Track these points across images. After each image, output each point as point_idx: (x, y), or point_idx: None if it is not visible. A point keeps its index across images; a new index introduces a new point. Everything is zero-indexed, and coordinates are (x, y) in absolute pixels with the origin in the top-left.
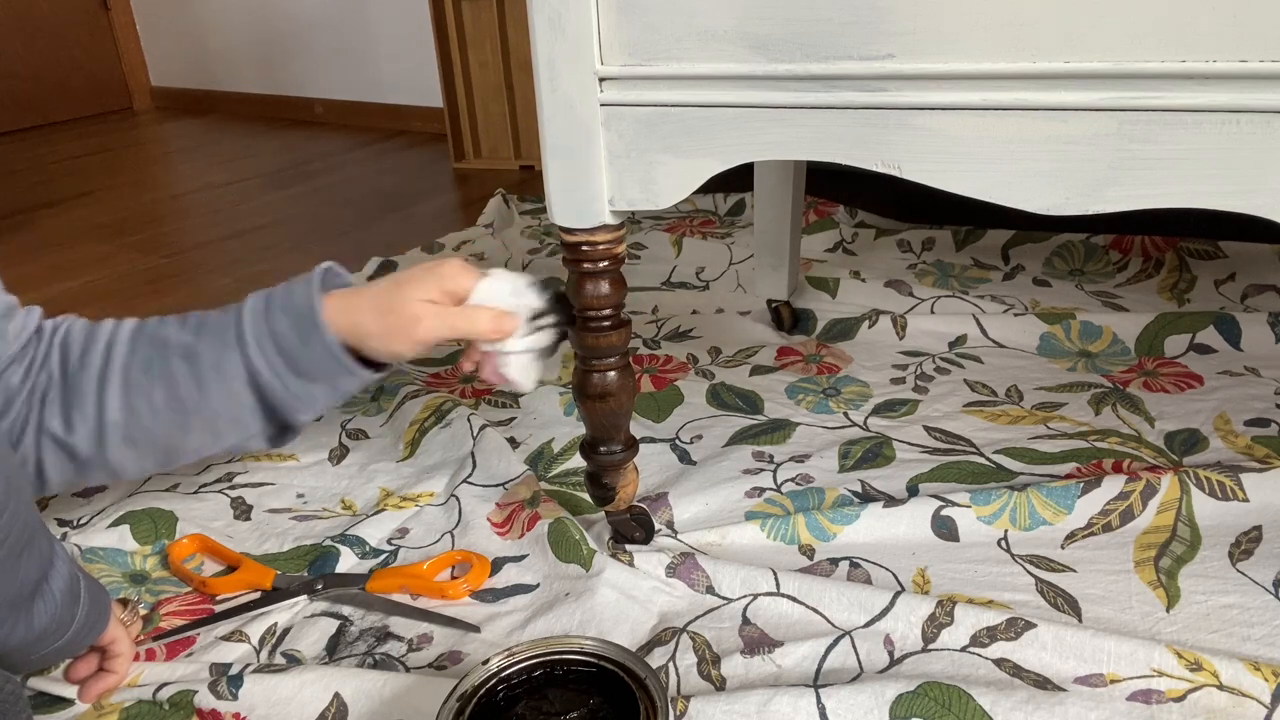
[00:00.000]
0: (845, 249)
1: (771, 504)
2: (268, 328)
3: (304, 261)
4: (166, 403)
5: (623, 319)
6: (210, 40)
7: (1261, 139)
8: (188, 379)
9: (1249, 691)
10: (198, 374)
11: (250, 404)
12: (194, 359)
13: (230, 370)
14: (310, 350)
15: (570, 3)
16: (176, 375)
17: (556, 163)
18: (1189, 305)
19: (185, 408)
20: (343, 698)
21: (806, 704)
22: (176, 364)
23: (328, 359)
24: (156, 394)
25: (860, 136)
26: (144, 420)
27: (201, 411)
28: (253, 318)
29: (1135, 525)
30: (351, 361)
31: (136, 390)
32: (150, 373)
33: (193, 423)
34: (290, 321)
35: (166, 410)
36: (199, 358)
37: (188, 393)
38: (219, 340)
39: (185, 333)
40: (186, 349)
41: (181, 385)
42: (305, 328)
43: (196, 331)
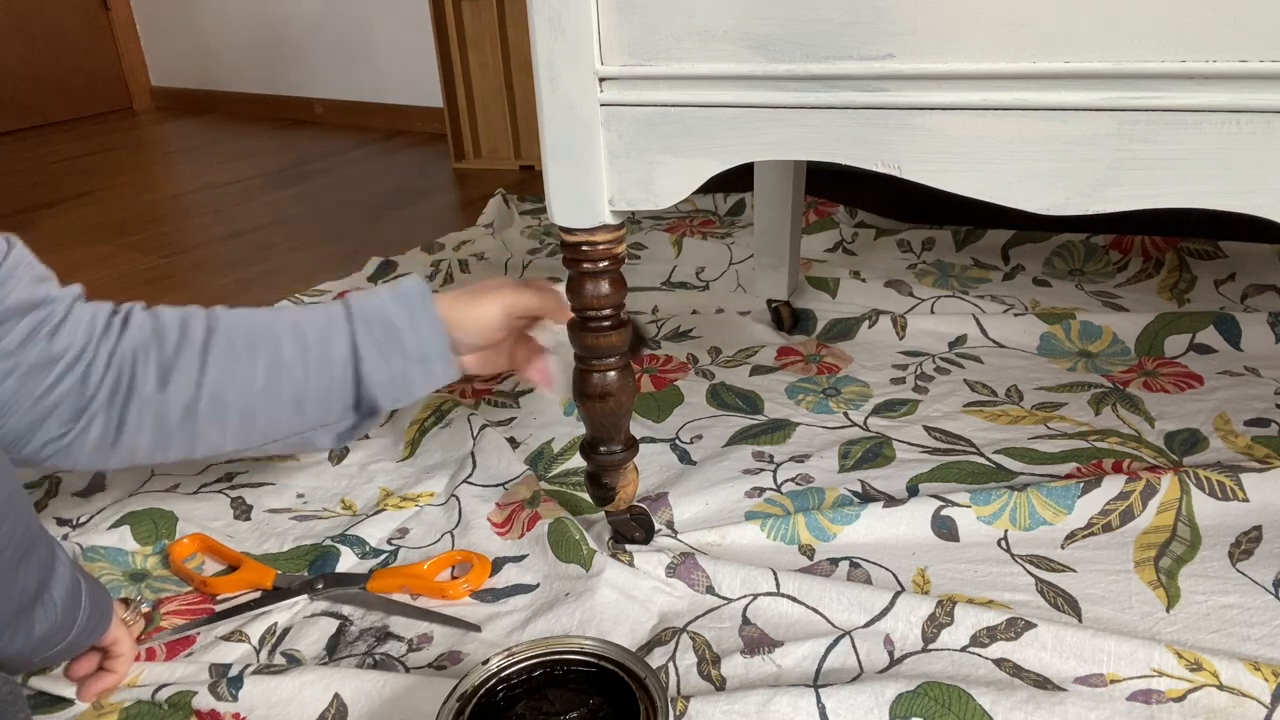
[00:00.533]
0: (845, 249)
1: (771, 504)
2: (376, 308)
3: (304, 261)
4: (266, 371)
5: (623, 319)
6: (210, 40)
7: (1261, 139)
8: (292, 349)
9: (1249, 691)
10: (302, 345)
11: (345, 381)
12: (299, 331)
13: (336, 343)
14: (417, 331)
15: (570, 3)
16: (282, 345)
17: (556, 163)
18: (1189, 305)
19: (282, 377)
20: (343, 698)
21: (806, 704)
22: (283, 335)
23: (433, 339)
24: (260, 361)
25: (860, 136)
26: (239, 385)
27: (295, 383)
28: (360, 300)
29: (1135, 525)
30: (449, 346)
31: (239, 356)
32: (254, 342)
33: (284, 394)
34: (398, 304)
35: (264, 379)
36: (304, 331)
37: (290, 361)
38: (325, 318)
39: (290, 313)
40: (294, 324)
41: (286, 353)
42: (415, 309)
43: (300, 310)
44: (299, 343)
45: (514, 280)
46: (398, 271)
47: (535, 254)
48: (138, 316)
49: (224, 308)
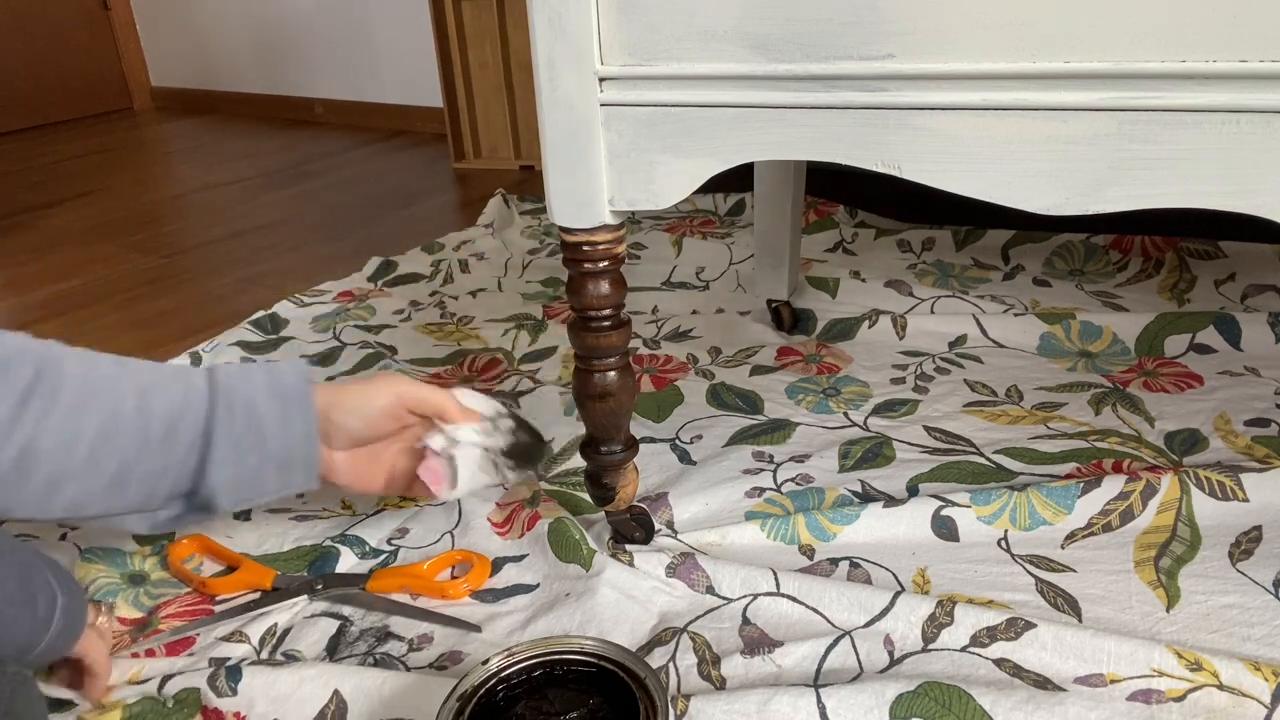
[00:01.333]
0: (845, 249)
1: (771, 504)
2: (245, 395)
3: (304, 261)
4: (94, 438)
5: (623, 319)
6: (210, 40)
7: (1261, 139)
8: (132, 419)
9: (1249, 691)
10: (145, 417)
11: (184, 469)
12: (146, 400)
13: (186, 424)
14: (286, 429)
15: (570, 3)
16: (121, 413)
17: (556, 163)
18: (1189, 305)
19: (110, 449)
20: (342, 695)
21: (806, 704)
22: (125, 400)
23: (302, 442)
24: (89, 424)
25: (860, 136)
26: (55, 447)
27: (124, 459)
28: (229, 379)
29: (1135, 525)
30: (317, 455)
31: (66, 413)
32: (89, 401)
33: (107, 468)
34: (272, 396)
35: (89, 446)
36: (152, 401)
37: (126, 432)
38: (182, 391)
39: (142, 373)
40: (142, 390)
41: (124, 422)
42: (290, 405)
43: (157, 372)
44: (142, 414)
45: (410, 377)
46: (397, 271)
47: (535, 254)
48: None
49: (66, 349)
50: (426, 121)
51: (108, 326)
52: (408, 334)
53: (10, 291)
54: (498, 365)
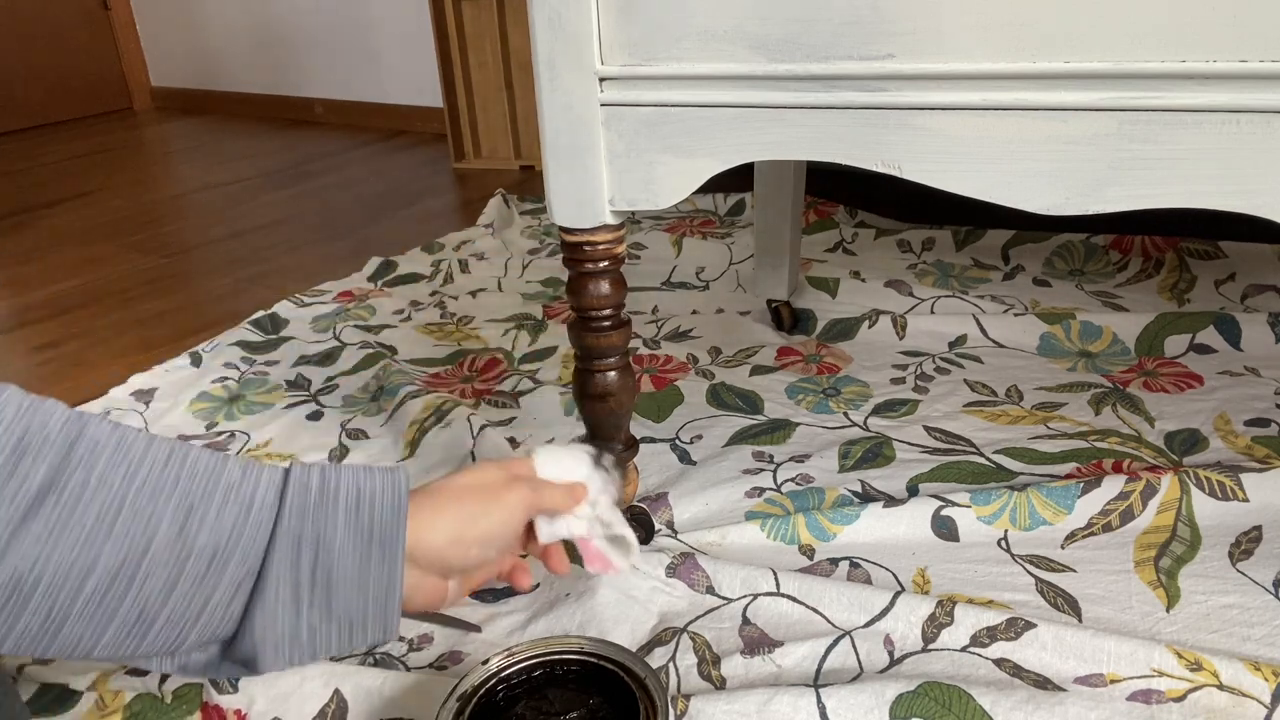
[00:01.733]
0: (845, 249)
1: (771, 504)
2: (319, 529)
3: (304, 261)
4: (114, 570)
5: (623, 319)
6: (210, 40)
7: (1261, 139)
8: (166, 550)
9: (1249, 691)
10: (183, 549)
11: (225, 615)
12: (188, 527)
13: (234, 560)
14: (363, 584)
15: (570, 3)
16: (153, 543)
17: (556, 163)
18: (1189, 305)
19: (131, 588)
20: (343, 694)
21: (806, 704)
22: (161, 525)
23: (380, 598)
24: (107, 553)
25: (860, 136)
26: (58, 576)
27: (148, 599)
28: (302, 501)
29: (1135, 525)
30: (396, 613)
31: (80, 537)
32: (113, 517)
33: (125, 608)
34: (354, 534)
35: (104, 582)
36: (195, 528)
37: (156, 566)
38: (238, 515)
39: (200, 477)
40: (187, 509)
41: (155, 552)
42: (372, 549)
43: (214, 478)
44: (181, 543)
45: (513, 475)
46: (398, 271)
47: (535, 254)
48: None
49: (104, 433)
50: (426, 121)
51: (108, 326)
52: (408, 334)
53: (10, 291)
54: (498, 365)
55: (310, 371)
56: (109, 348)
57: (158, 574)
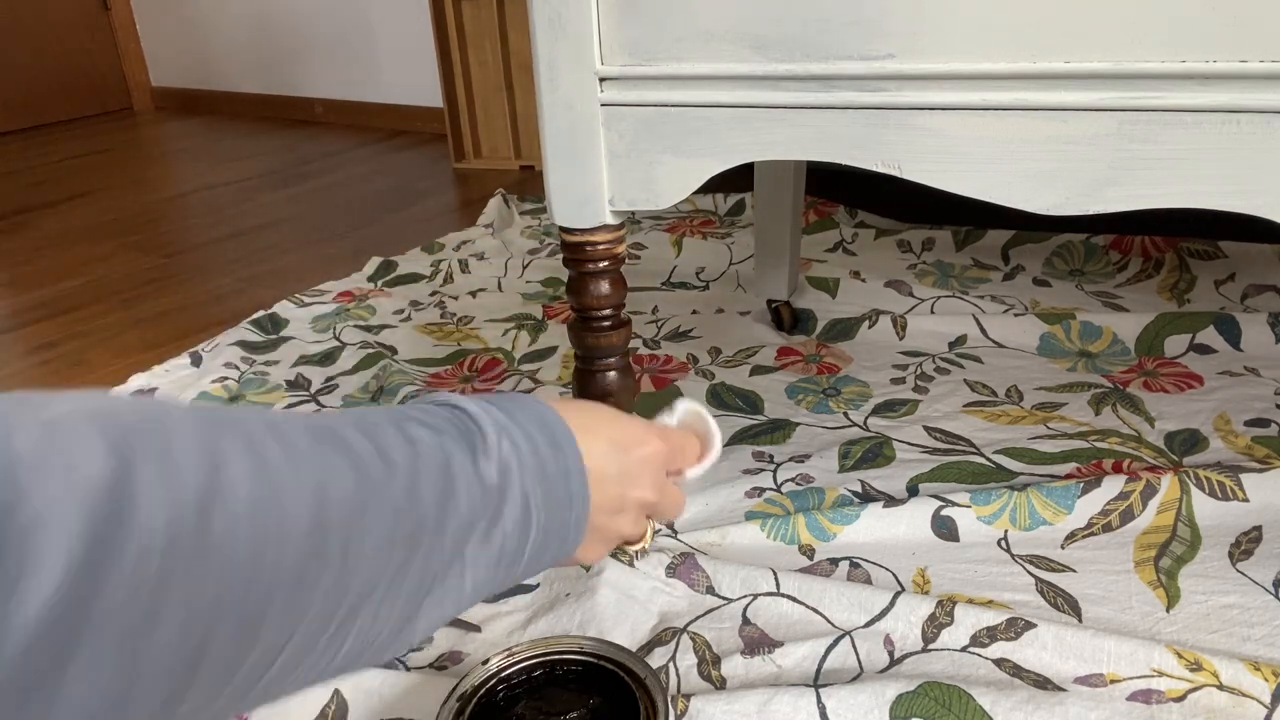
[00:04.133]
0: (845, 249)
1: (771, 504)
2: (524, 434)
3: (304, 261)
4: None
5: (623, 319)
6: (210, 40)
7: (1261, 139)
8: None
9: (1249, 691)
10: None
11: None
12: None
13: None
14: (569, 484)
15: (570, 3)
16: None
17: (557, 163)
18: (1189, 305)
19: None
20: (342, 695)
21: (806, 704)
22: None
23: (577, 507)
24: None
25: (860, 136)
26: None
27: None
28: (499, 415)
29: (1135, 525)
30: None
31: None
32: None
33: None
34: (548, 440)
35: None
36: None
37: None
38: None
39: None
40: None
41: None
42: (564, 458)
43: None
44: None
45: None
46: (397, 271)
47: (535, 254)
48: None
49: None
50: (426, 121)
51: (108, 326)
52: (408, 334)
53: (10, 291)
54: (498, 365)
55: (310, 371)
56: (109, 348)
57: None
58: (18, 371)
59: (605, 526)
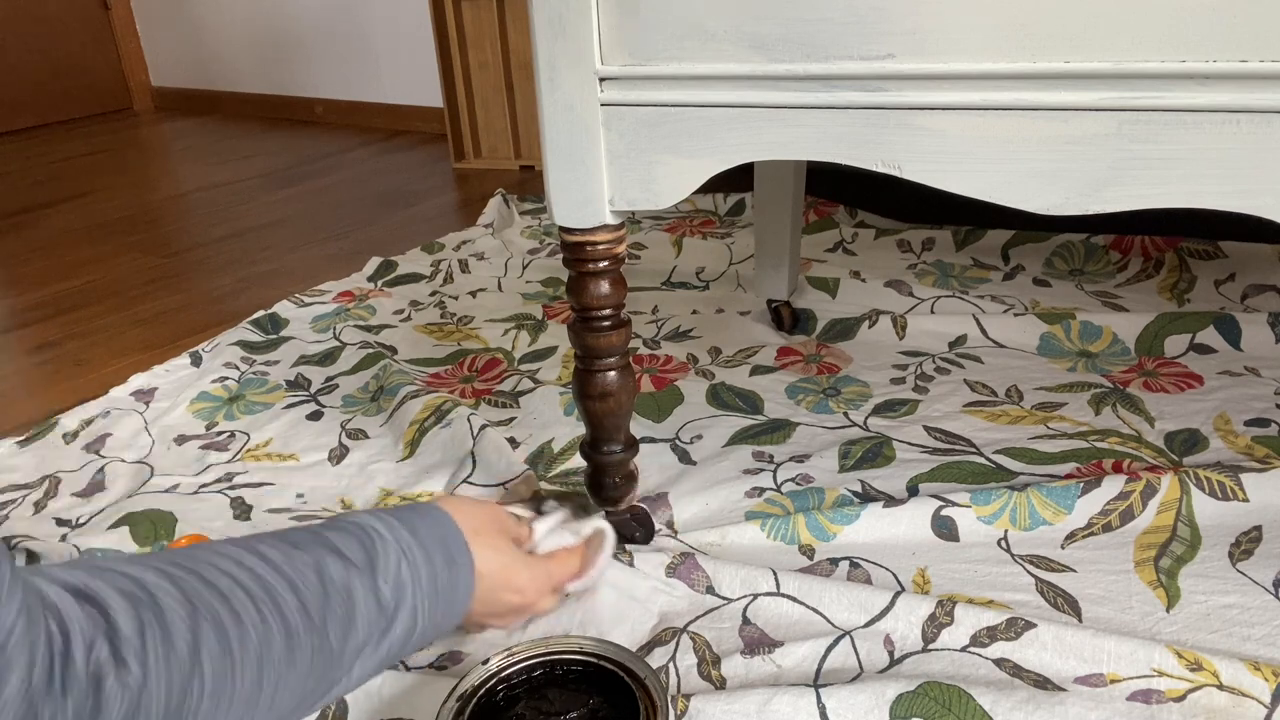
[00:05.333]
0: (845, 249)
1: (771, 504)
2: (424, 555)
3: (304, 261)
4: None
5: (623, 319)
6: (210, 40)
7: (1261, 139)
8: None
9: (1249, 691)
10: (342, 603)
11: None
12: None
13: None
14: (456, 594)
15: (570, 3)
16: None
17: (557, 163)
18: (1189, 305)
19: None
20: (343, 695)
21: (806, 704)
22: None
23: (460, 609)
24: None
25: (860, 136)
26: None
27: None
28: (405, 536)
29: (1135, 525)
30: None
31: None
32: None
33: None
34: (444, 557)
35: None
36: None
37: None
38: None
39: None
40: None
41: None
42: (457, 571)
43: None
44: (325, 600)
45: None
46: (397, 271)
47: (535, 254)
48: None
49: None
50: (426, 121)
51: (108, 326)
52: (408, 334)
53: (10, 291)
54: (498, 365)
55: (310, 371)
56: (109, 348)
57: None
58: (18, 371)
59: (484, 617)
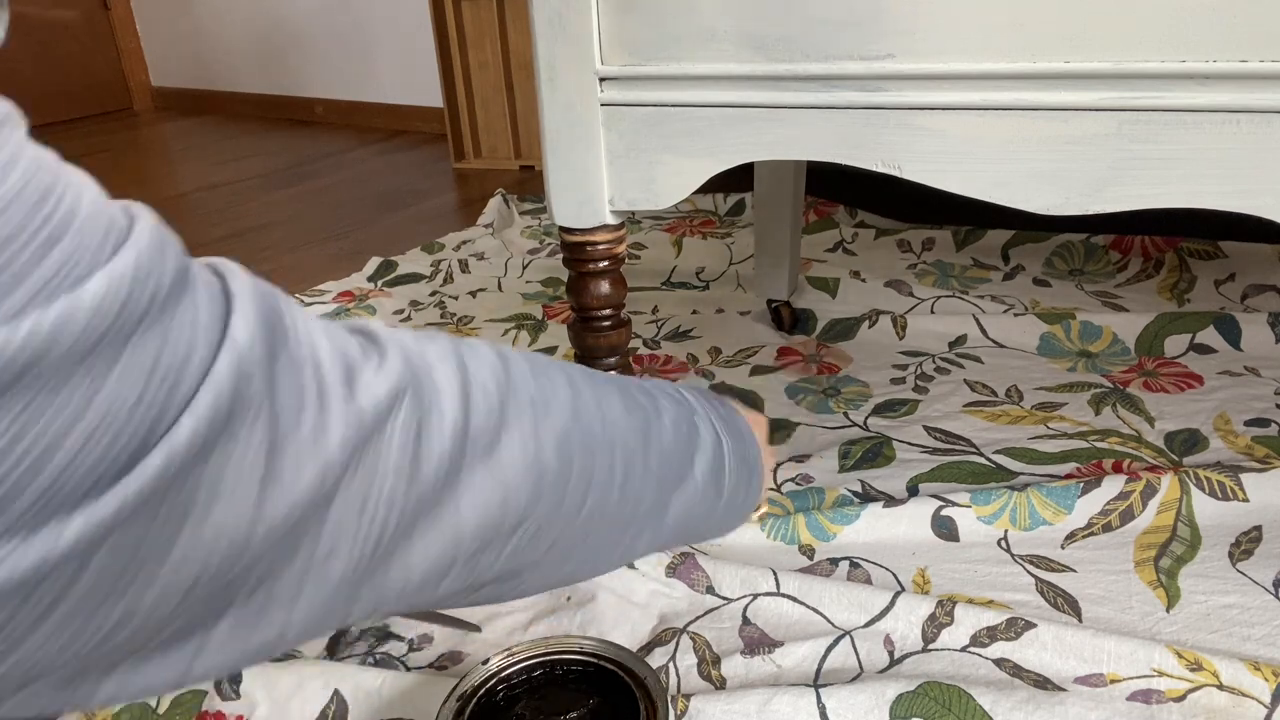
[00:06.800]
0: (845, 249)
1: (772, 504)
2: (727, 427)
3: (304, 261)
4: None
5: (623, 319)
6: (210, 40)
7: (1261, 139)
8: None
9: (1249, 691)
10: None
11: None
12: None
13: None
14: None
15: (570, 3)
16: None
17: (557, 163)
18: (1189, 305)
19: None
20: (342, 695)
21: (806, 704)
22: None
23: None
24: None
25: (860, 136)
26: None
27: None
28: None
29: (1135, 525)
30: None
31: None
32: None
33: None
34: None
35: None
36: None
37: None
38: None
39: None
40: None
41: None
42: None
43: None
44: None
45: None
46: (397, 271)
47: (535, 254)
48: None
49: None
50: (426, 121)
51: None
52: None
53: None
54: None
55: None
56: None
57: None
58: None
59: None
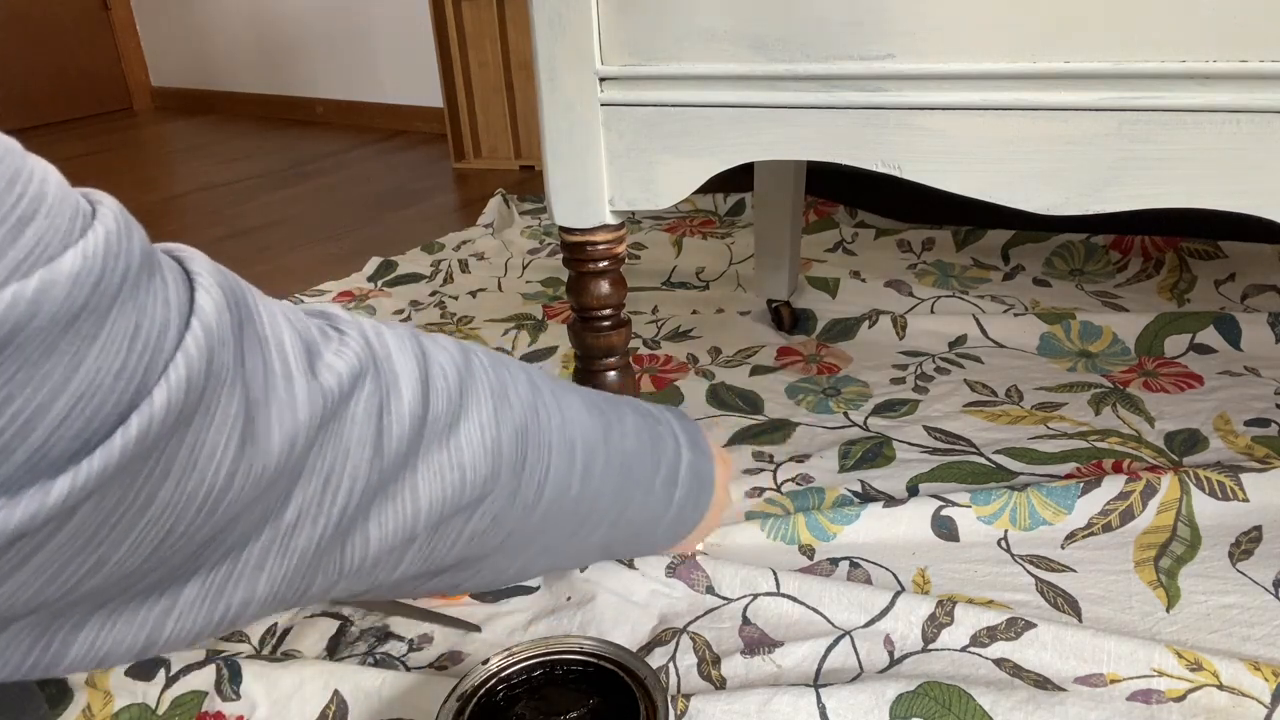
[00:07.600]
0: (845, 249)
1: (771, 504)
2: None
3: (304, 261)
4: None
5: (623, 319)
6: (210, 40)
7: (1261, 139)
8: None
9: (1249, 691)
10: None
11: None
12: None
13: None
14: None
15: (570, 3)
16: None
17: (557, 163)
18: (1189, 305)
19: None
20: (342, 695)
21: (806, 704)
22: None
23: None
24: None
25: (860, 136)
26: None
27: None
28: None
29: (1135, 525)
30: None
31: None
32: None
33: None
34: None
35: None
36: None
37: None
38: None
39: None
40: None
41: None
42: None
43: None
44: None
45: None
46: (397, 271)
47: (535, 254)
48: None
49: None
50: (426, 121)
51: None
52: None
53: None
54: None
55: None
56: None
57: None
58: None
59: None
